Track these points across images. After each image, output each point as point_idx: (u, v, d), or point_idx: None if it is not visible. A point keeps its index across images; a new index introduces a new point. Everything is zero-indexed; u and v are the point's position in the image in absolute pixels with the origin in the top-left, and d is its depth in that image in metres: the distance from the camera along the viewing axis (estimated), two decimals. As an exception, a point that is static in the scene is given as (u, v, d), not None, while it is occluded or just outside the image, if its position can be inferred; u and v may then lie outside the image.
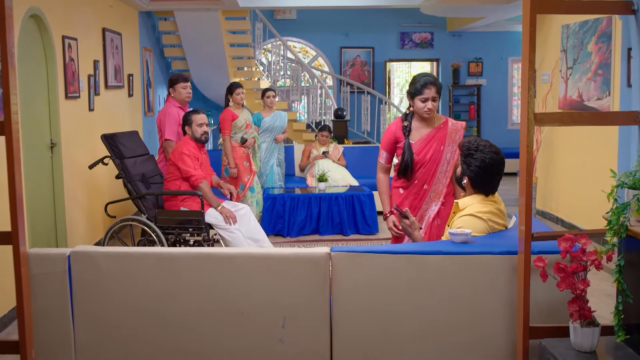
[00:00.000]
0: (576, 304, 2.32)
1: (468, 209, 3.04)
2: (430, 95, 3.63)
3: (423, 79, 3.65)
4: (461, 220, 3.03)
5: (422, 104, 3.66)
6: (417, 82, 3.66)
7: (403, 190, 3.78)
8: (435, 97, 3.66)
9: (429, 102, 3.64)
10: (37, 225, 5.09)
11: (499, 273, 2.73)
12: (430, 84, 3.63)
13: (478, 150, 3.04)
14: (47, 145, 5.33)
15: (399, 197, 3.80)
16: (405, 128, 3.74)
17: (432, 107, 3.65)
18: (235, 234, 5.01)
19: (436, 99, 3.67)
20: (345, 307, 2.79)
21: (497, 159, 3.04)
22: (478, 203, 3.06)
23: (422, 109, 3.67)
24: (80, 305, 2.87)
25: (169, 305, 2.84)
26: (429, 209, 3.72)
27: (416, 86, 3.66)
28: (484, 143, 3.07)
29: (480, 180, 3.04)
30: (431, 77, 3.68)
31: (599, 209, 6.17)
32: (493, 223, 3.02)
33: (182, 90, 5.84)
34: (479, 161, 3.02)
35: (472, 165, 3.04)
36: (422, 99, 3.65)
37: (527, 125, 2.46)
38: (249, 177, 6.66)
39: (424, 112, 3.67)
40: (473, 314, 2.76)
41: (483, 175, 3.03)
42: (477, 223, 2.99)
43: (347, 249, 2.78)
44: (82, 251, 2.87)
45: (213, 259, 2.82)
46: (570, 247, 2.38)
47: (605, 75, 6.08)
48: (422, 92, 3.64)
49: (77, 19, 6.02)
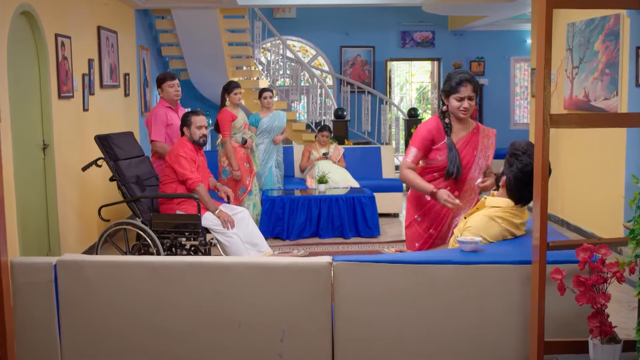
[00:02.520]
0: (596, 319, 2.17)
1: (489, 210, 2.89)
2: (466, 93, 3.41)
3: (459, 76, 3.43)
4: (475, 219, 2.88)
5: (458, 103, 3.43)
6: (453, 80, 3.44)
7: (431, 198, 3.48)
8: (472, 95, 3.43)
9: (465, 101, 3.42)
10: (29, 230, 4.94)
11: (511, 284, 2.58)
12: (467, 81, 3.41)
13: (525, 153, 2.85)
14: (39, 147, 5.19)
15: (426, 203, 3.54)
16: (447, 126, 3.49)
17: (468, 106, 3.43)
18: (233, 239, 4.87)
19: (472, 98, 3.45)
20: (348, 320, 2.63)
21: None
22: (504, 209, 2.90)
23: (457, 108, 3.44)
24: (68, 317, 2.71)
25: (161, 318, 2.68)
26: (457, 218, 3.48)
27: (451, 84, 3.44)
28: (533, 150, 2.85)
29: (517, 186, 2.85)
30: (467, 74, 3.46)
31: (606, 211, 6.12)
32: (507, 232, 2.88)
33: (170, 89, 5.66)
34: (522, 164, 2.84)
35: (513, 165, 2.86)
36: (457, 97, 3.42)
37: (543, 127, 2.30)
38: (250, 179, 6.51)
39: (459, 111, 3.44)
40: (483, 327, 2.61)
41: (522, 179, 2.83)
42: (490, 225, 2.85)
43: (349, 258, 2.62)
44: (69, 260, 2.71)
45: (208, 269, 2.67)
46: (589, 257, 2.22)
47: (612, 75, 5.94)
48: (458, 90, 3.41)
49: (71, 17, 5.87)
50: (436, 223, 3.52)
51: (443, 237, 3.53)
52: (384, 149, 8.33)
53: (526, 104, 12.41)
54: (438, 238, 3.54)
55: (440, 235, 3.53)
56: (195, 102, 10.83)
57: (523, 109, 12.51)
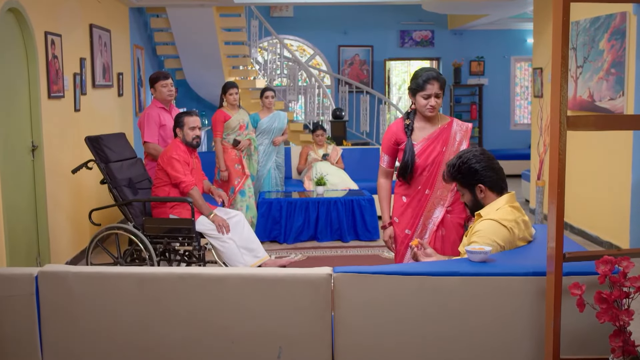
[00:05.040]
0: (619, 338, 2.01)
1: (491, 215, 2.77)
2: (433, 91, 3.36)
3: (425, 74, 3.38)
4: (483, 224, 2.74)
5: (425, 101, 3.38)
6: (419, 78, 3.39)
7: (406, 199, 3.50)
8: (439, 93, 3.38)
9: (432, 99, 3.37)
10: (17, 235, 4.77)
11: (523, 297, 2.41)
12: (433, 79, 3.36)
13: (468, 161, 2.91)
14: (28, 148, 5.01)
15: (401, 206, 3.52)
16: (407, 127, 3.47)
17: (435, 104, 3.38)
18: (228, 244, 4.70)
19: (439, 96, 3.39)
20: (349, 335, 2.46)
21: (487, 153, 2.95)
22: (503, 208, 2.79)
23: (424, 106, 3.40)
24: (50, 332, 2.55)
25: (149, 333, 2.52)
26: (432, 216, 3.44)
27: (417, 82, 3.39)
28: (463, 154, 2.95)
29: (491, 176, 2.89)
30: (434, 71, 3.42)
31: (611, 214, 5.96)
32: (516, 237, 2.72)
33: (162, 89, 5.49)
34: (481, 165, 2.89)
35: (478, 172, 2.89)
36: (424, 95, 3.38)
37: (559, 129, 2.15)
38: (240, 181, 6.34)
39: (426, 109, 3.40)
40: (493, 344, 2.44)
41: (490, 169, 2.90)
42: (499, 229, 2.70)
43: (350, 269, 2.46)
44: (51, 271, 2.54)
45: (200, 281, 2.51)
46: (610, 270, 2.06)
47: (618, 74, 5.78)
48: (425, 88, 3.37)
49: (61, 14, 5.69)
50: (410, 223, 3.50)
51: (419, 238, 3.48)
52: (383, 150, 8.15)
53: (527, 105, 12.27)
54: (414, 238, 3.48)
55: (416, 236, 3.49)
56: (191, 102, 10.67)
57: (523, 109, 12.37)
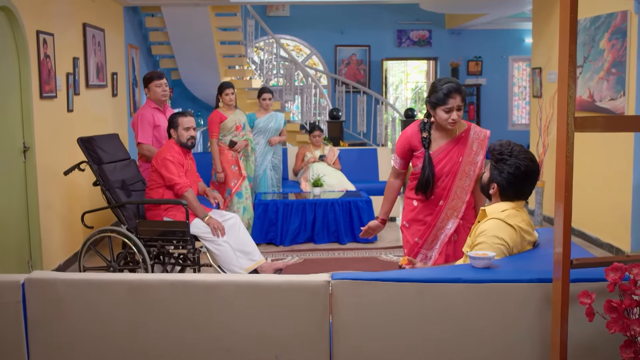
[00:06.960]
0: (630, 349, 1.92)
1: (496, 215, 2.68)
2: (455, 104, 3.16)
3: (446, 86, 3.17)
4: (488, 223, 2.66)
5: (446, 115, 3.18)
6: (440, 91, 3.18)
7: (417, 203, 3.38)
8: (461, 105, 3.18)
9: (454, 113, 3.18)
10: (8, 238, 4.67)
11: (528, 305, 2.32)
12: (455, 91, 3.15)
13: (512, 155, 2.69)
14: (19, 150, 4.91)
15: (412, 210, 3.40)
16: (424, 140, 3.30)
17: (457, 117, 3.19)
18: (224, 247, 4.61)
19: (461, 108, 3.20)
20: (348, 344, 2.37)
21: (532, 168, 2.69)
22: (509, 209, 2.71)
23: (446, 120, 3.20)
24: (37, 341, 2.45)
25: (141, 343, 2.42)
26: (445, 227, 3.31)
27: (438, 95, 3.18)
28: (519, 148, 2.71)
29: (512, 189, 2.71)
30: (454, 83, 3.19)
31: (612, 216, 5.88)
32: (522, 238, 2.65)
33: (157, 89, 5.38)
34: (513, 168, 2.68)
35: (504, 172, 2.70)
36: (445, 109, 3.17)
37: (567, 131, 2.06)
38: (236, 182, 6.25)
39: (447, 123, 3.21)
40: (497, 353, 2.35)
41: (516, 183, 2.69)
42: (505, 228, 2.63)
43: (349, 275, 2.37)
44: (38, 278, 2.45)
45: (193, 288, 2.41)
46: (620, 278, 1.98)
47: (619, 74, 5.71)
48: (446, 102, 3.16)
49: (54, 13, 5.59)
50: (421, 233, 3.38)
51: (429, 247, 3.39)
52: (381, 151, 8.07)
53: (525, 105, 12.20)
54: (424, 247, 3.40)
55: (427, 245, 3.39)
56: (187, 102, 10.57)
57: (521, 110, 12.30)
